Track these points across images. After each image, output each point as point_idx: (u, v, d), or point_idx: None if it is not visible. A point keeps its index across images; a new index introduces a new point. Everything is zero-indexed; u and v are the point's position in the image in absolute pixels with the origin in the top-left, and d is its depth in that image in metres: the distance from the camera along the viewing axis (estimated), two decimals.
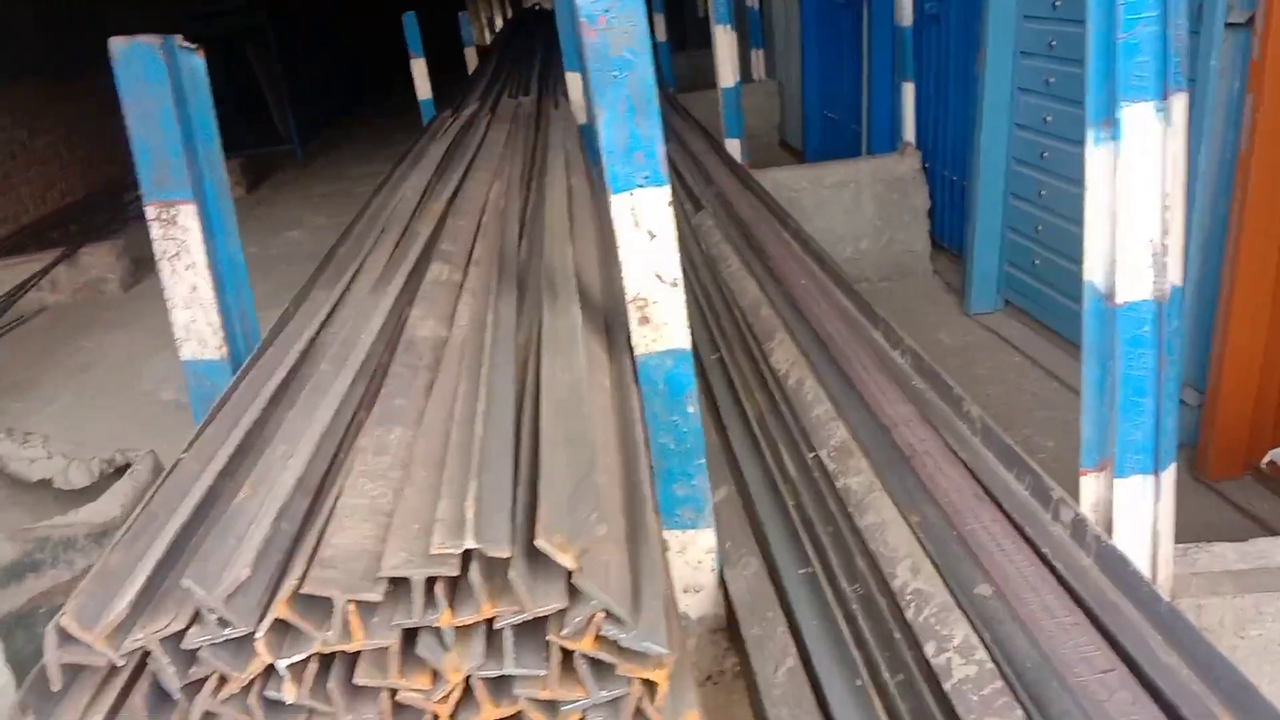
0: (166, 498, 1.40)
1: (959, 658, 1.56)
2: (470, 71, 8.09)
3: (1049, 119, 4.12)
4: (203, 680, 1.15)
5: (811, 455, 2.24)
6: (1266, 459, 2.71)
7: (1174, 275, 1.71)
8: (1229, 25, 2.87)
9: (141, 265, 7.56)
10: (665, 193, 1.76)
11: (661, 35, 9.03)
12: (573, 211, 2.87)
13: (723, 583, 2.10)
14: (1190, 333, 3.22)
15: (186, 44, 1.91)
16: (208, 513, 1.35)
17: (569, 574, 1.15)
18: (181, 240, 1.87)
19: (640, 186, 1.74)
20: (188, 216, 1.86)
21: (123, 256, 7.45)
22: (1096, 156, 1.66)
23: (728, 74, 5.09)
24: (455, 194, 3.17)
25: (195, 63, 1.93)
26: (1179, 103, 1.60)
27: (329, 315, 2.07)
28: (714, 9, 4.95)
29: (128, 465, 2.16)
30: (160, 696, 1.18)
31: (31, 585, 1.79)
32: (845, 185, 5.33)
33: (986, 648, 1.56)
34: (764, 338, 2.91)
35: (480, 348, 1.79)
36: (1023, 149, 4.39)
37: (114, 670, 1.22)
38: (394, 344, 1.84)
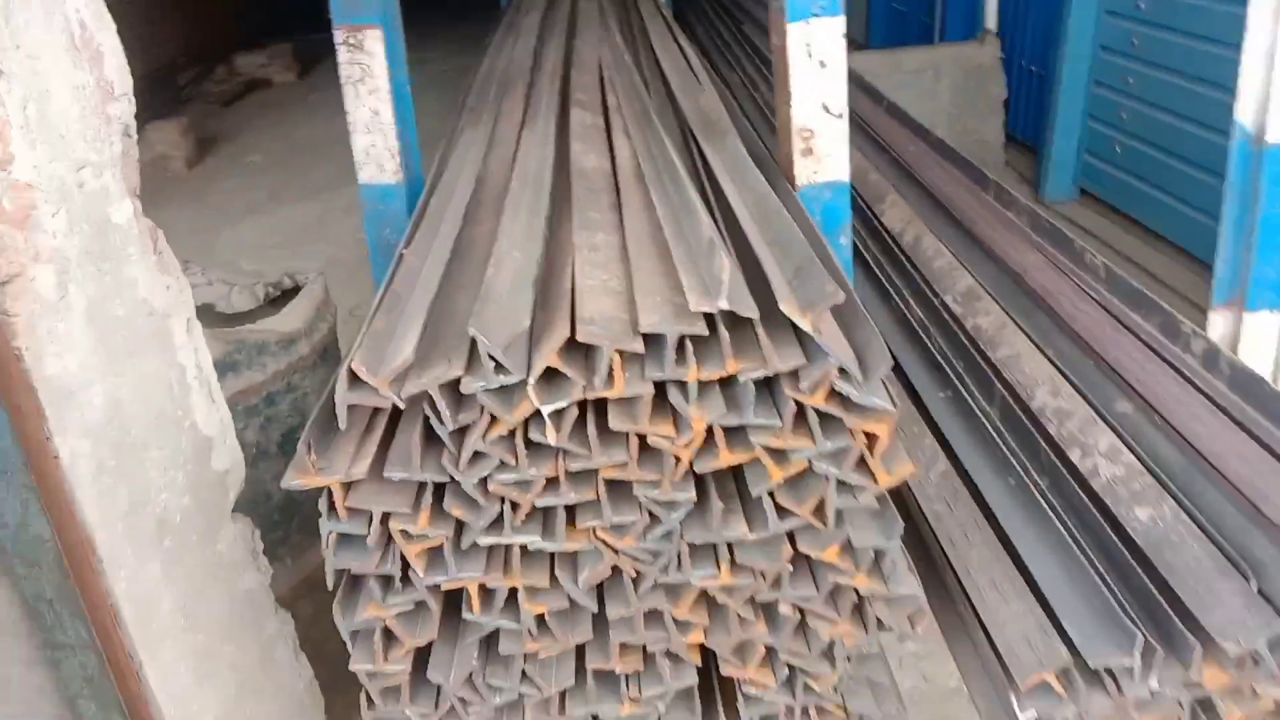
0: (404, 282, 1.53)
1: (1106, 461, 1.69)
2: None
3: (1143, 5, 4.11)
4: (467, 427, 1.29)
5: (939, 301, 2.35)
6: None
7: None
8: None
9: (205, 144, 7.65)
10: (840, 23, 1.83)
11: None
12: (693, 68, 2.94)
13: None
14: None
15: None
16: (453, 286, 1.48)
17: (801, 338, 1.28)
18: (367, 65, 1.97)
19: (816, 15, 1.82)
20: (374, 41, 1.95)
21: (188, 134, 7.52)
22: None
23: None
24: (568, 55, 3.24)
25: None
26: None
27: (487, 152, 2.17)
28: None
29: (296, 288, 2.29)
30: (428, 440, 1.32)
31: (231, 384, 1.93)
32: (923, 71, 5.32)
33: (1132, 451, 1.69)
34: (874, 201, 3.00)
35: (655, 174, 1.89)
36: (1112, 36, 4.38)
37: (379, 412, 1.37)
38: (567, 172, 1.95)
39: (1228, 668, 1.42)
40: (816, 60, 1.85)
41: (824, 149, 1.92)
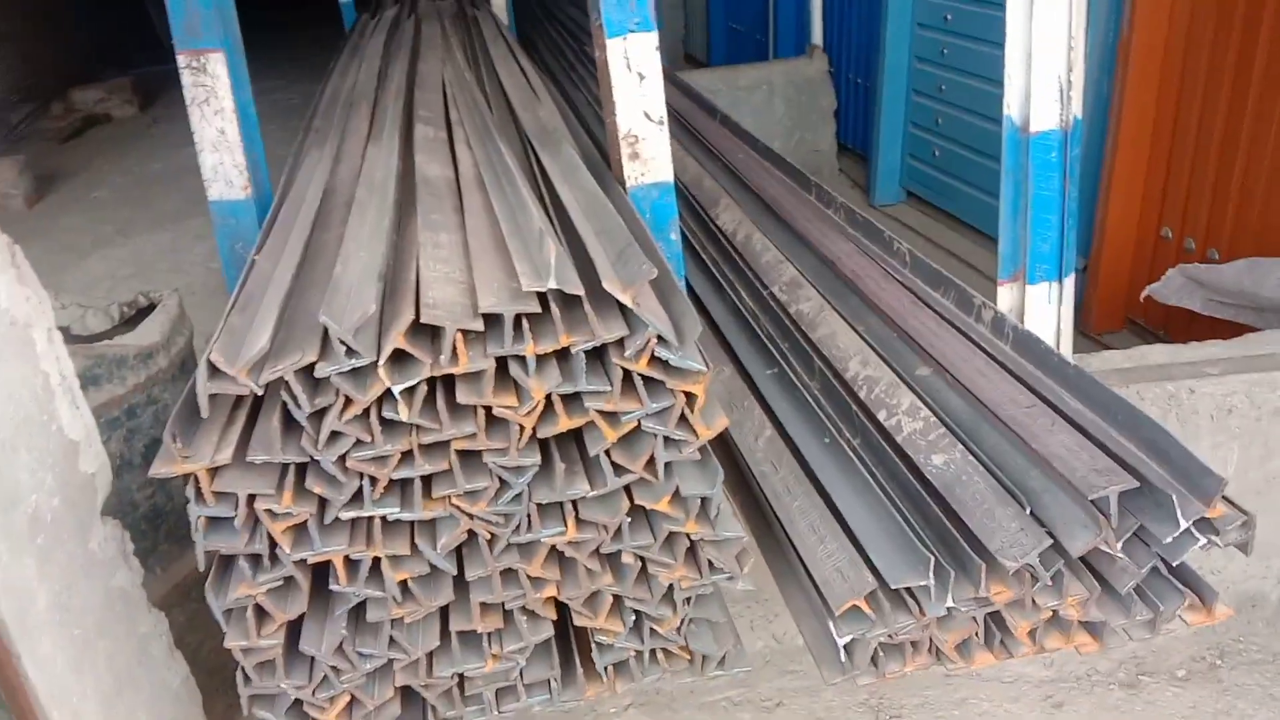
0: (256, 283, 1.63)
1: (907, 418, 1.92)
2: None
3: (949, 17, 4.49)
4: (324, 409, 1.41)
5: (766, 291, 2.56)
6: (1144, 294, 3.15)
7: (1076, 108, 2.07)
8: None
9: (44, 182, 7.41)
10: (654, 38, 2.02)
11: None
12: (532, 85, 3.10)
13: None
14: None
15: None
16: (304, 284, 1.59)
17: (625, 312, 1.45)
18: (210, 86, 2.05)
19: (632, 31, 2.00)
20: (217, 64, 2.04)
21: (25, 172, 7.28)
22: (1016, 5, 2.00)
23: None
24: (411, 75, 3.36)
25: None
26: None
27: (334, 166, 2.28)
28: None
29: (151, 305, 2.34)
30: (288, 424, 1.43)
31: (93, 396, 1.97)
32: (757, 87, 5.63)
33: (929, 408, 1.92)
34: (709, 205, 3.21)
35: (496, 181, 2.04)
36: (924, 47, 4.76)
37: (240, 402, 1.47)
38: (412, 180, 2.08)
39: (1010, 584, 1.65)
40: (635, 72, 2.03)
41: (649, 152, 2.10)
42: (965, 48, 4.39)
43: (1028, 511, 1.66)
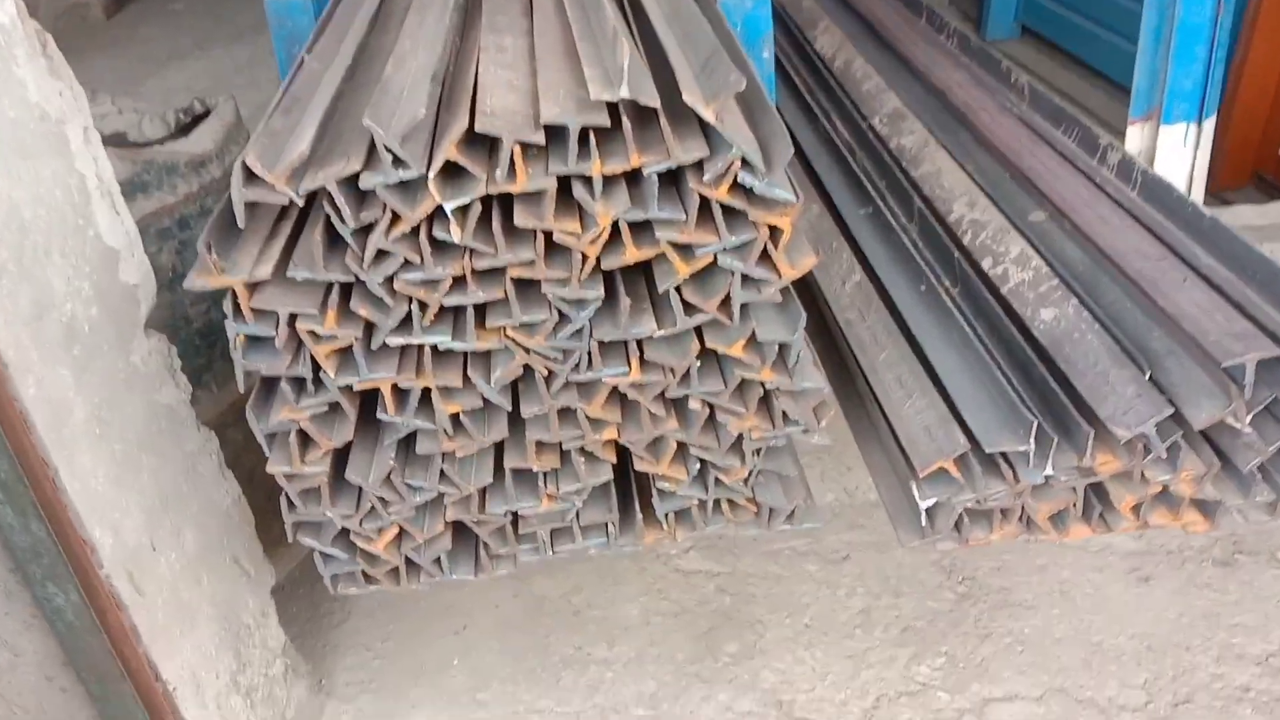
0: (303, 86, 1.49)
1: (1015, 267, 1.73)
2: None
3: None
4: (371, 225, 1.28)
5: (865, 123, 2.34)
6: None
7: None
8: None
9: None
10: None
11: None
12: None
13: None
14: None
15: None
16: (355, 86, 1.44)
17: (706, 131, 1.27)
18: None
19: None
20: None
21: None
22: None
23: None
24: None
25: None
26: None
27: None
28: None
29: (207, 112, 2.22)
30: (333, 239, 1.31)
31: (141, 205, 1.89)
32: None
33: (1042, 256, 1.72)
34: (807, 26, 2.94)
35: None
36: None
37: (284, 214, 1.36)
38: None
39: (1119, 454, 1.49)
40: None
41: None
42: None
43: (1147, 376, 1.49)
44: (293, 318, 1.32)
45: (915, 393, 1.58)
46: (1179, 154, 1.98)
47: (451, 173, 1.26)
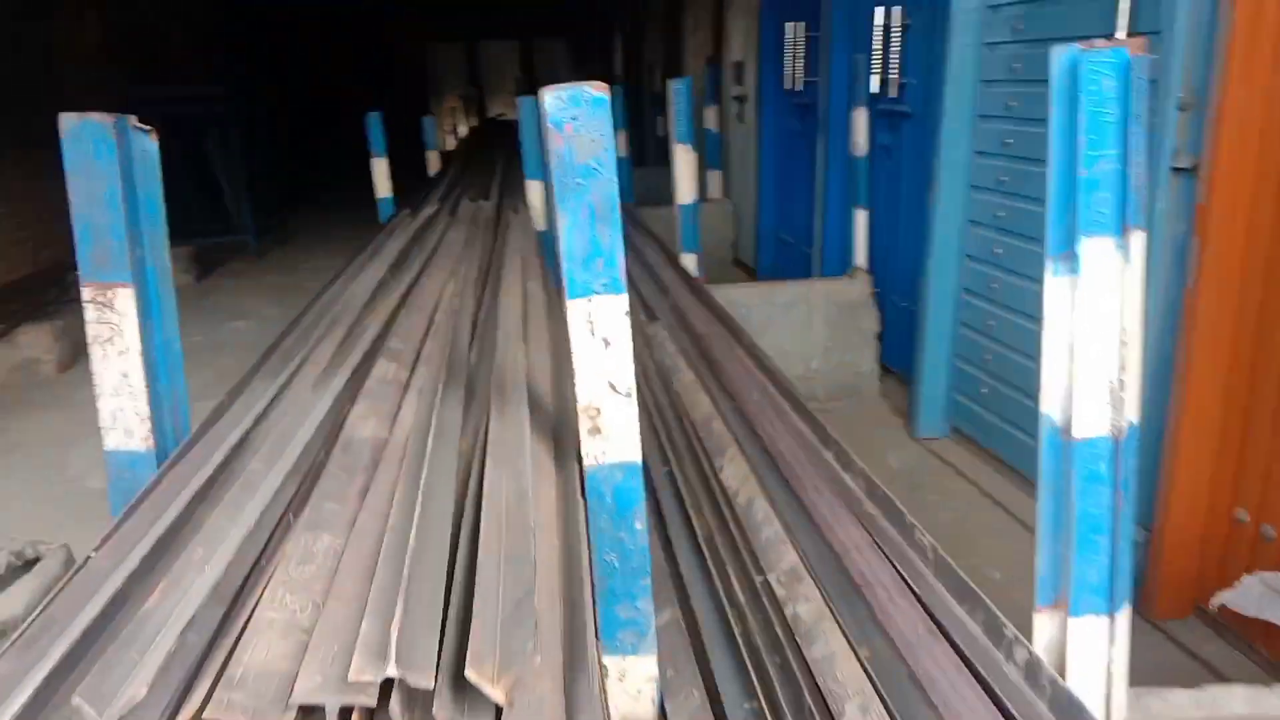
0: (70, 600, 1.29)
1: None
2: (431, 174, 8.15)
3: (999, 251, 4.21)
4: None
5: (761, 579, 2.17)
6: (1215, 602, 2.69)
7: (1131, 412, 1.70)
8: (1175, 169, 2.96)
9: (81, 348, 7.33)
10: (623, 301, 1.72)
11: (623, 151, 9.22)
12: (527, 315, 2.83)
13: (663, 714, 1.99)
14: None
15: (140, 125, 1.86)
16: (112, 619, 1.24)
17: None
18: (116, 325, 1.78)
19: (598, 294, 1.70)
20: (125, 300, 1.78)
21: (61, 338, 7.23)
22: (1055, 289, 1.66)
23: (686, 191, 5.16)
24: (409, 291, 3.13)
25: (147, 145, 1.88)
26: (1137, 240, 1.61)
27: (266, 409, 1.98)
28: (674, 128, 5.05)
29: (37, 559, 2.02)
30: None
31: None
32: (796, 305, 5.37)
33: None
34: (715, 453, 2.86)
35: (422, 452, 1.71)
36: (973, 280, 4.46)
37: None
38: (331, 443, 1.76)
39: None
40: (600, 338, 1.72)
41: (612, 427, 1.76)
42: (1016, 285, 4.08)
43: None
44: None
45: None
46: (1094, 648, 1.79)
47: None
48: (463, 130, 22.23)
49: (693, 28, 10.36)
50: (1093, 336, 1.61)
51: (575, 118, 1.62)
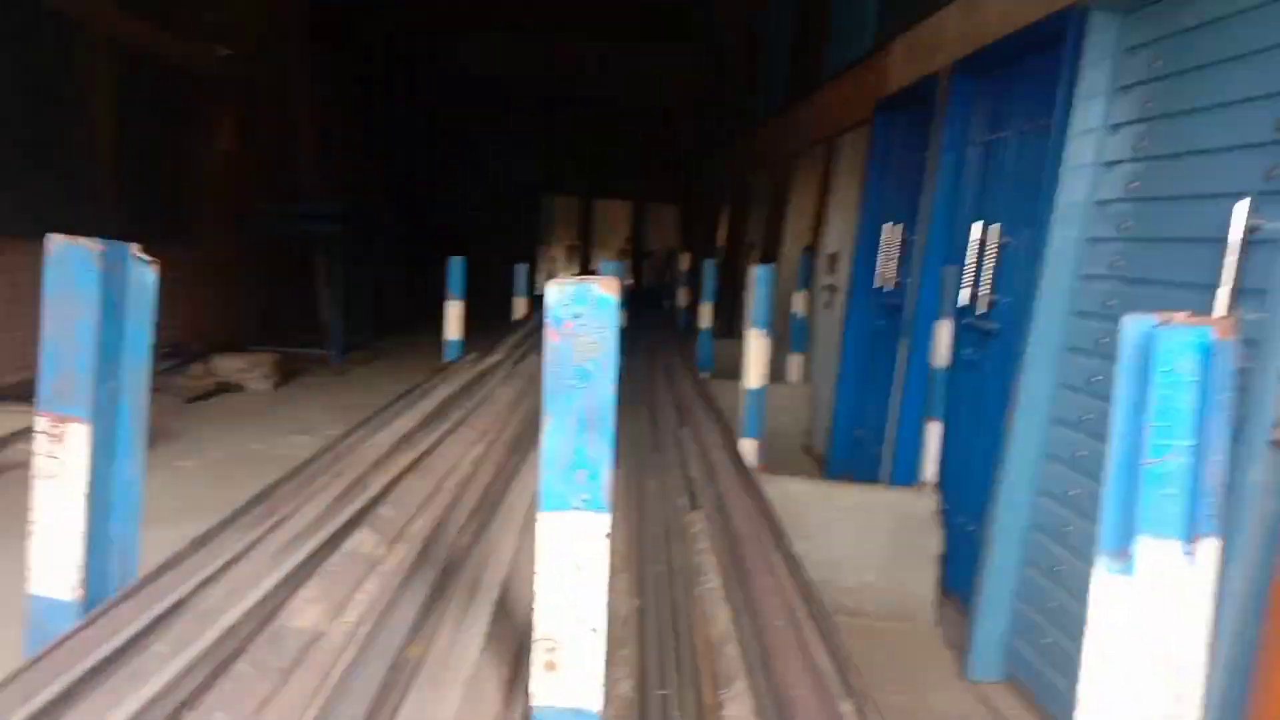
0: None
1: None
2: (515, 318, 8.18)
3: (1075, 491, 3.89)
4: None
5: None
6: None
7: None
8: (1274, 443, 2.67)
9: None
10: (604, 521, 1.52)
11: (706, 323, 9.16)
12: None
13: None
14: None
15: (142, 255, 1.77)
16: None
17: None
18: (62, 462, 1.65)
19: (576, 509, 1.50)
20: (77, 437, 1.65)
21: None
22: (1106, 587, 1.40)
23: (754, 376, 5.00)
24: (430, 450, 2.98)
25: (147, 277, 1.79)
26: (1208, 548, 1.35)
27: (214, 574, 1.81)
28: (750, 314, 4.93)
29: None
30: None
31: None
32: (857, 510, 5.08)
33: None
34: (722, 683, 2.57)
35: (354, 658, 1.50)
36: (1045, 517, 4.14)
37: None
38: (258, 631, 1.57)
39: None
40: (572, 561, 1.51)
41: (571, 667, 1.53)
42: (1089, 531, 3.75)
43: None
44: None
45: None
46: None
47: None
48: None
49: (795, 214, 10.43)
50: (1142, 653, 1.34)
51: (578, 315, 1.46)
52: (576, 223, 24.42)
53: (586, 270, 22.34)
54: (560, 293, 1.46)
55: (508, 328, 7.41)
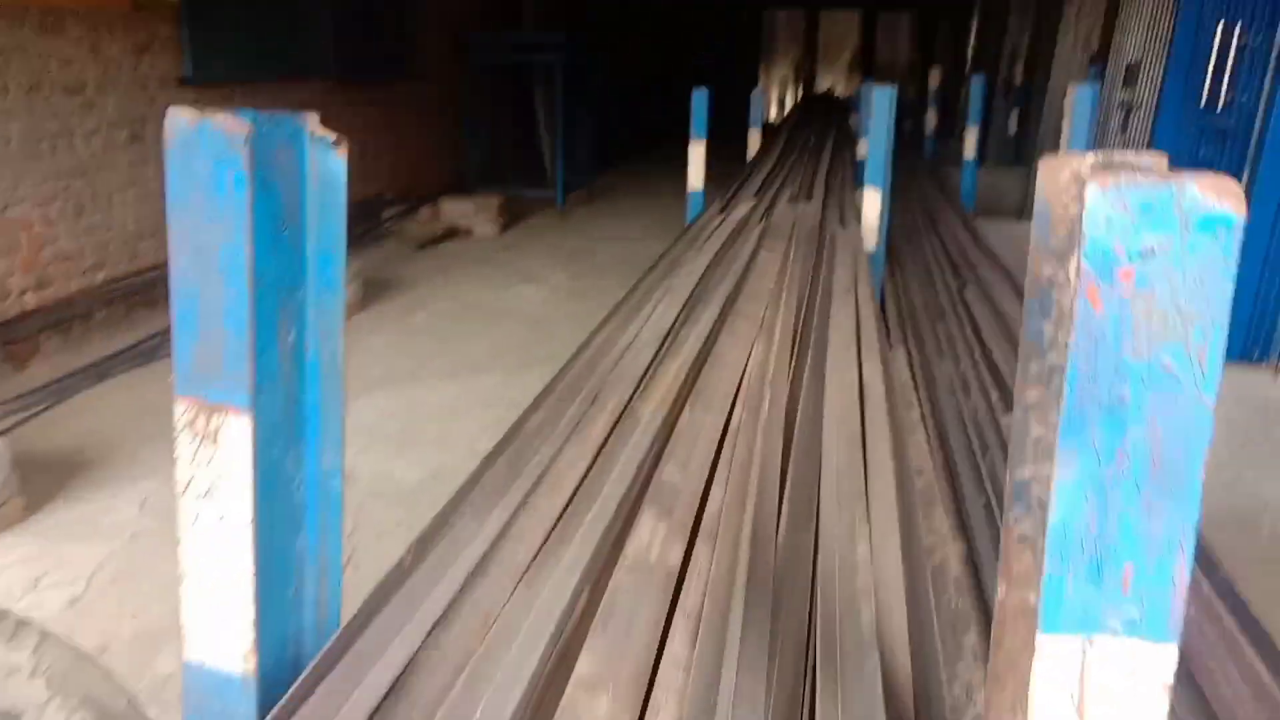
0: None
1: None
2: (750, 155, 7.31)
3: None
4: None
5: None
6: None
7: None
8: None
9: (378, 289, 7.18)
10: (1167, 656, 0.78)
11: (970, 153, 7.99)
12: (866, 438, 1.91)
13: None
14: None
15: (323, 131, 1.12)
16: None
17: None
18: (217, 470, 1.06)
19: (1113, 634, 0.78)
20: (236, 431, 1.04)
21: (355, 279, 7.02)
22: None
23: None
24: (702, 356, 2.30)
25: (332, 163, 1.14)
26: None
27: (445, 611, 1.21)
28: (1068, 141, 3.90)
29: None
30: None
31: None
32: None
33: None
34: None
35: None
36: None
37: None
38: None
39: None
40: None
41: None
42: None
43: None
44: None
45: None
46: None
47: None
48: (789, 103, 21.31)
49: (1076, 16, 8.84)
50: None
51: (1149, 254, 0.69)
52: (803, 36, 22.67)
53: (811, 92, 20.78)
54: (1114, 197, 0.69)
55: (745, 168, 6.57)
